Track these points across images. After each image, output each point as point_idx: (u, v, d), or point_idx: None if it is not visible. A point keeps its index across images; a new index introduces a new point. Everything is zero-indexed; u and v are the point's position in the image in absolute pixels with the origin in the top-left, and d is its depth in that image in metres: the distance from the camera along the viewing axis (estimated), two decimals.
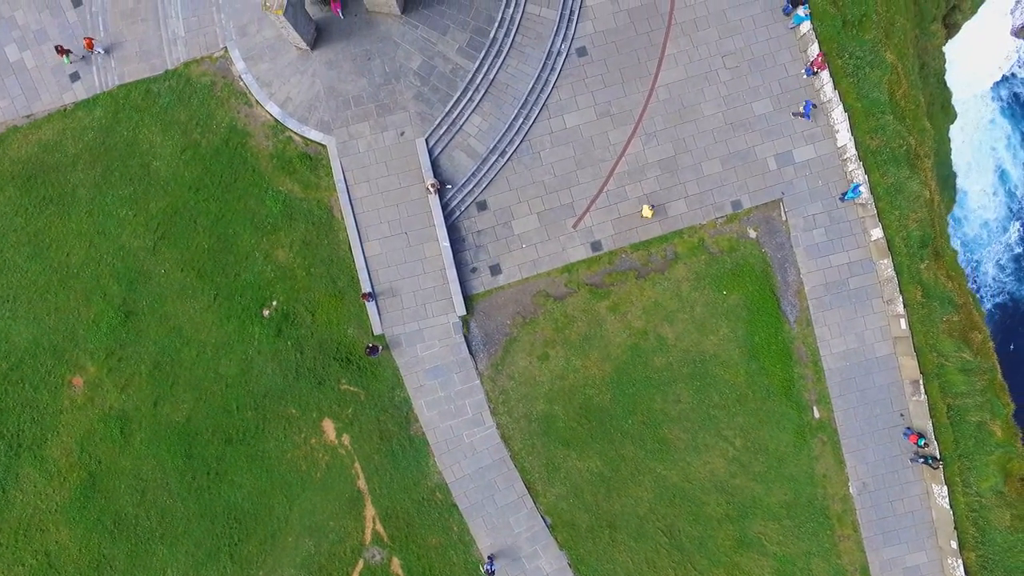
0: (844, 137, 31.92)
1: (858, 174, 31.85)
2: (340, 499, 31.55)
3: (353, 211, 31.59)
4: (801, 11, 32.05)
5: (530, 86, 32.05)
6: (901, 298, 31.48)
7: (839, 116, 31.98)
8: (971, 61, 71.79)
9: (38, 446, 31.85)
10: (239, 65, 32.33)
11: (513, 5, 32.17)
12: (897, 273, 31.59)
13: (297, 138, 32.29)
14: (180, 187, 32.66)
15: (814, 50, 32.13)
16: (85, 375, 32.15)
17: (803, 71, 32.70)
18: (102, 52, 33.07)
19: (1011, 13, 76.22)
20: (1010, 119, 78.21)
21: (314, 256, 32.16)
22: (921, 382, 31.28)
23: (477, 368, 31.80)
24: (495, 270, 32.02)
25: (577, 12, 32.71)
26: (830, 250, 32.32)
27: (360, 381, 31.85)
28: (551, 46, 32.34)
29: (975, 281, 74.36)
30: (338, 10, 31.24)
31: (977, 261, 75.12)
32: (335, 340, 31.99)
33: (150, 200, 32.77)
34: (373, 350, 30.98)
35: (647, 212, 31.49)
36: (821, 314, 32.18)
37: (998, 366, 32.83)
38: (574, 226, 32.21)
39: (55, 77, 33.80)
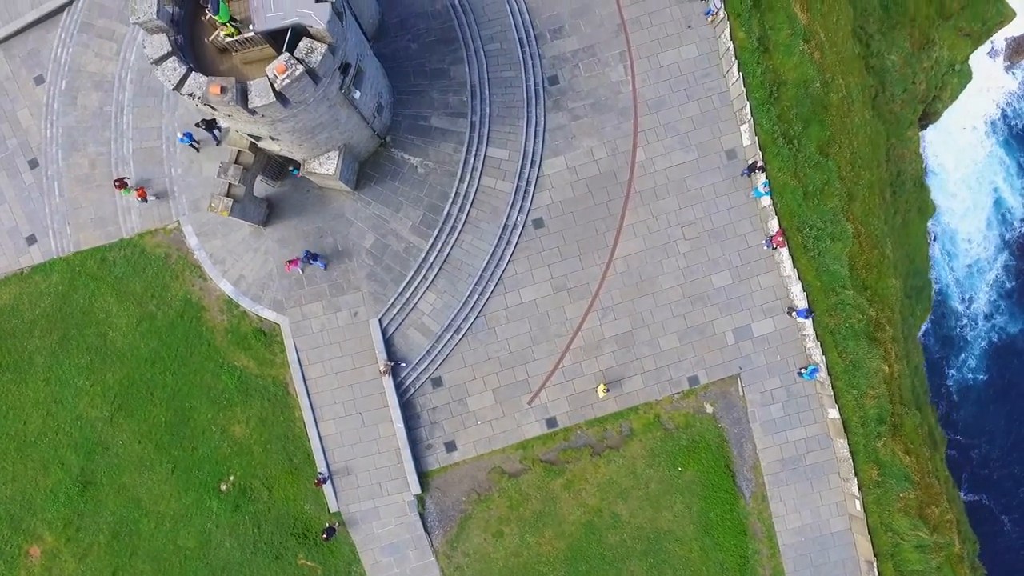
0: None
1: (816, 353, 31.56)
2: None
3: (307, 391, 31.56)
4: (761, 187, 31.51)
5: (485, 262, 31.73)
6: (856, 479, 31.35)
7: (798, 294, 31.60)
8: (965, 95, 70.75)
9: None
10: (192, 240, 32.11)
11: (468, 180, 31.73)
12: (853, 453, 31.42)
13: (252, 314, 32.14)
14: (136, 359, 32.66)
15: (774, 225, 31.63)
16: (43, 545, 32.51)
17: (763, 242, 32.26)
18: (155, 199, 32.62)
19: (1005, 38, 74.48)
20: (1006, 149, 77.10)
21: (270, 433, 32.22)
22: (875, 564, 31.29)
23: (432, 545, 31.97)
24: (450, 447, 32.02)
25: (534, 183, 32.25)
26: (787, 425, 32.15)
27: (317, 556, 32.08)
28: (507, 219, 31.95)
29: (969, 318, 73.70)
30: (297, 267, 31.05)
31: (970, 298, 74.48)
32: (292, 515, 32.18)
33: (107, 371, 32.80)
34: (330, 533, 31.16)
35: (601, 392, 31.33)
36: (777, 490, 32.12)
37: (956, 539, 32.79)
38: (529, 402, 32.10)
39: (11, 239, 33.75)
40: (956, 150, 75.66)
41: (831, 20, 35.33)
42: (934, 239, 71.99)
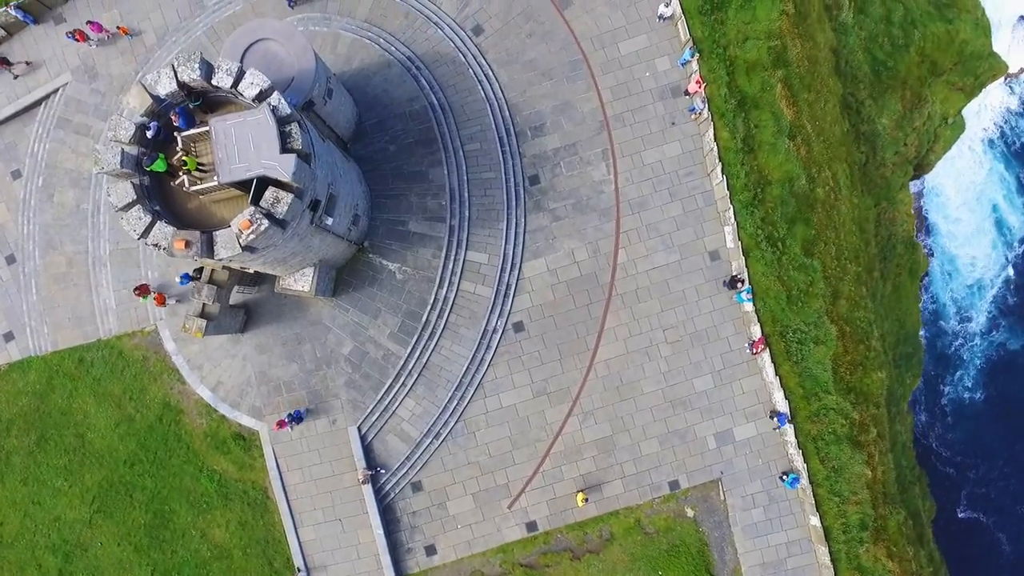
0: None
1: (797, 460, 31.32)
2: None
3: (287, 498, 31.46)
4: (744, 294, 31.11)
5: (464, 367, 31.45)
6: None
7: (780, 400, 31.30)
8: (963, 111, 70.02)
9: None
10: (169, 345, 31.87)
11: (447, 285, 31.38)
12: (834, 560, 31.28)
13: (231, 419, 31.94)
14: (115, 461, 32.56)
15: (756, 331, 31.29)
16: None
17: (746, 345, 31.90)
18: (174, 302, 32.11)
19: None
20: (1005, 165, 76.46)
21: (250, 537, 32.14)
22: None
23: None
24: (430, 550, 31.92)
25: (514, 286, 31.86)
26: (768, 530, 31.96)
27: None
28: (486, 324, 31.62)
29: (966, 337, 73.28)
30: (287, 428, 30.82)
31: (967, 316, 74.10)
32: None
33: (85, 472, 32.71)
34: None
35: (580, 502, 31.14)
36: None
37: None
38: (509, 507, 31.96)
39: None
40: (955, 171, 74.81)
41: (818, 108, 34.75)
42: (931, 254, 71.46)
